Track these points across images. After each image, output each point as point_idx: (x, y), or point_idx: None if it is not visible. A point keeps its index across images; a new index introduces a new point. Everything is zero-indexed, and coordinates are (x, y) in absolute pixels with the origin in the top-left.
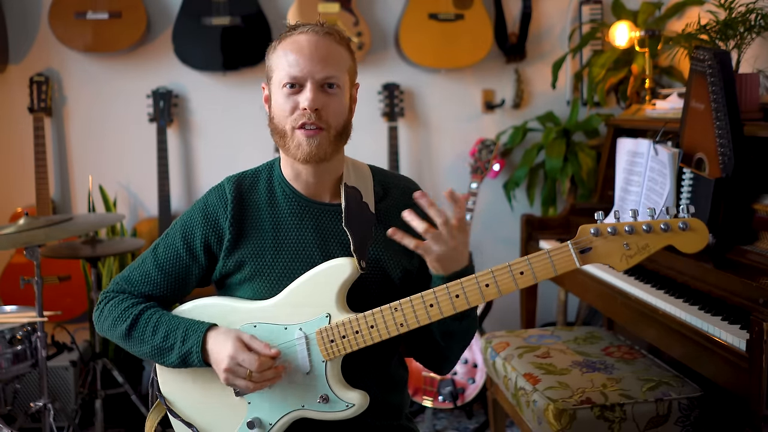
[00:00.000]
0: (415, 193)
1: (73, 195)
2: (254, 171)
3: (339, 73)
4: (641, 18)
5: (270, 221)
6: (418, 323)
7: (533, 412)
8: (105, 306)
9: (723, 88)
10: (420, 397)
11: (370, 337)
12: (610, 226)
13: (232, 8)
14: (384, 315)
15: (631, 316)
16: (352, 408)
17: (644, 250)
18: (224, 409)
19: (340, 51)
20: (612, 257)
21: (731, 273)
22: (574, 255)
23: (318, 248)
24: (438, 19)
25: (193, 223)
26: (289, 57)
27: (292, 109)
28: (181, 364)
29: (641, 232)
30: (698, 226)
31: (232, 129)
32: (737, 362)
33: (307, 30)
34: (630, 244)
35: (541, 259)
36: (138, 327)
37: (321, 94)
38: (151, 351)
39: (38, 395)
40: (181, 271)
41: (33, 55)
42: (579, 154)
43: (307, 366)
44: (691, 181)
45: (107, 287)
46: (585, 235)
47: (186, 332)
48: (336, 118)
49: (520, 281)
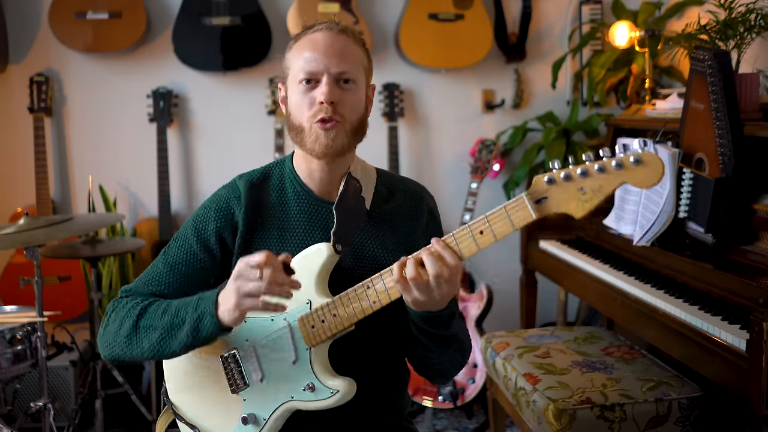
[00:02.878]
0: (432, 241)
1: (73, 195)
2: (264, 169)
3: (355, 69)
4: (641, 18)
5: (279, 219)
6: (390, 298)
7: (533, 412)
8: (111, 312)
9: (723, 88)
10: (420, 397)
11: (347, 317)
12: (563, 172)
13: (232, 8)
14: (357, 294)
15: (631, 316)
16: (337, 395)
17: (599, 192)
18: (221, 408)
19: (356, 49)
20: (568, 204)
21: (731, 273)
22: (530, 206)
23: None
24: (438, 19)
25: (206, 216)
26: (305, 54)
27: (310, 105)
28: (193, 334)
29: (594, 173)
30: (651, 159)
31: (232, 129)
32: (737, 362)
33: (322, 28)
34: (584, 187)
35: (499, 216)
36: (146, 315)
37: (337, 89)
38: (160, 335)
39: (38, 395)
40: (195, 267)
41: (33, 55)
42: (579, 154)
43: (293, 355)
44: (691, 181)
45: (110, 302)
46: (539, 184)
47: (199, 300)
48: (352, 112)
49: (481, 240)
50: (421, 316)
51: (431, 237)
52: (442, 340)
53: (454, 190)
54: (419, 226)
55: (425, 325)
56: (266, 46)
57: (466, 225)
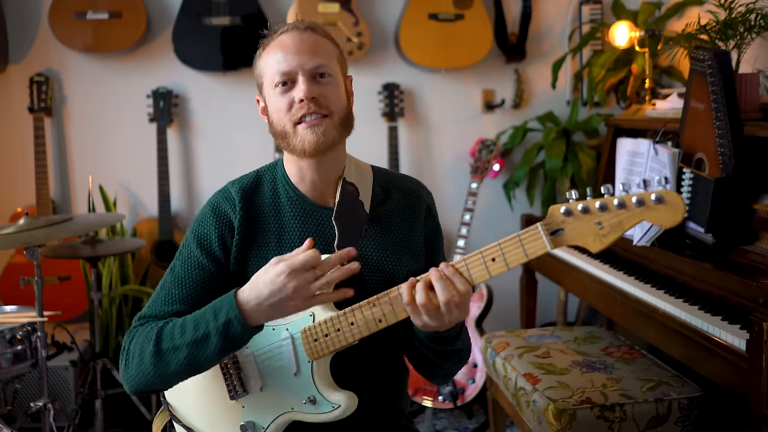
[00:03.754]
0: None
1: (73, 195)
2: (256, 174)
3: (329, 62)
4: (641, 18)
5: (274, 225)
6: (396, 317)
7: (533, 412)
8: (128, 350)
9: (723, 88)
10: (420, 397)
11: (351, 334)
12: (581, 204)
13: (232, 8)
14: (363, 311)
15: (631, 316)
16: (338, 409)
17: (618, 228)
18: (220, 414)
19: (325, 42)
20: (585, 238)
21: (731, 273)
22: (545, 237)
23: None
24: (438, 19)
25: (206, 224)
26: (276, 56)
27: (289, 106)
28: (226, 342)
29: (613, 208)
30: (673, 199)
31: (232, 129)
32: (737, 362)
33: (287, 29)
34: (603, 222)
35: (512, 243)
36: (164, 338)
37: (315, 84)
38: (188, 352)
39: (38, 395)
40: (204, 279)
41: (33, 55)
42: (579, 154)
43: (294, 366)
44: (691, 181)
45: (126, 334)
46: (556, 215)
47: (214, 309)
48: (336, 103)
49: (492, 268)
50: (428, 336)
51: (430, 235)
52: (446, 354)
53: (454, 190)
54: (417, 226)
55: (432, 344)
56: None
57: (478, 251)
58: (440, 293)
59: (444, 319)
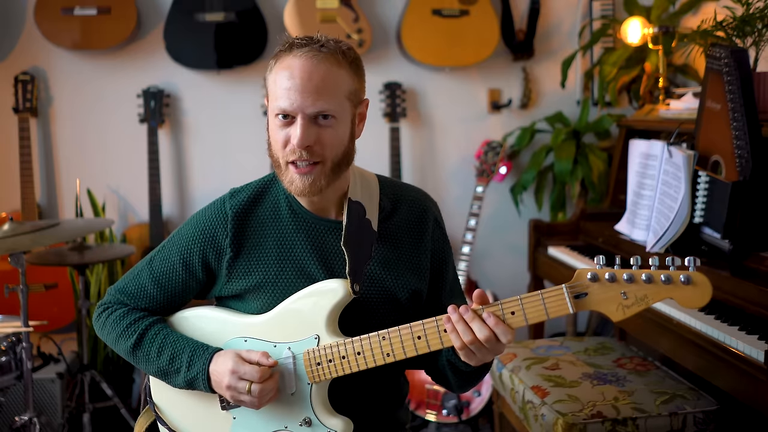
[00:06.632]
0: (459, 309)
1: (60, 199)
2: (257, 185)
3: (334, 104)
4: (655, 14)
5: (274, 237)
6: (405, 355)
7: (542, 427)
8: (107, 318)
9: (740, 88)
10: (423, 411)
11: (356, 364)
12: (608, 273)
13: (226, 3)
14: (371, 343)
15: (643, 325)
16: None
17: (642, 301)
18: (208, 421)
19: (339, 75)
20: (608, 305)
21: (749, 281)
22: (569, 300)
23: (321, 266)
24: (442, 15)
25: (191, 239)
26: (283, 84)
27: (285, 143)
28: (188, 387)
29: (641, 282)
30: (701, 281)
31: (226, 130)
32: (755, 374)
33: (303, 53)
34: (628, 293)
35: (534, 301)
36: (143, 346)
37: (313, 128)
38: (156, 372)
39: (23, 409)
40: (178, 286)
41: (18, 53)
42: (589, 156)
43: (292, 386)
44: (707, 184)
45: (104, 298)
46: (581, 279)
47: (191, 358)
48: (332, 149)
49: (511, 321)
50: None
51: (438, 249)
52: (473, 375)
53: (459, 194)
54: (425, 240)
55: (464, 367)
56: (262, 43)
57: (498, 302)
58: (479, 332)
59: (485, 356)
